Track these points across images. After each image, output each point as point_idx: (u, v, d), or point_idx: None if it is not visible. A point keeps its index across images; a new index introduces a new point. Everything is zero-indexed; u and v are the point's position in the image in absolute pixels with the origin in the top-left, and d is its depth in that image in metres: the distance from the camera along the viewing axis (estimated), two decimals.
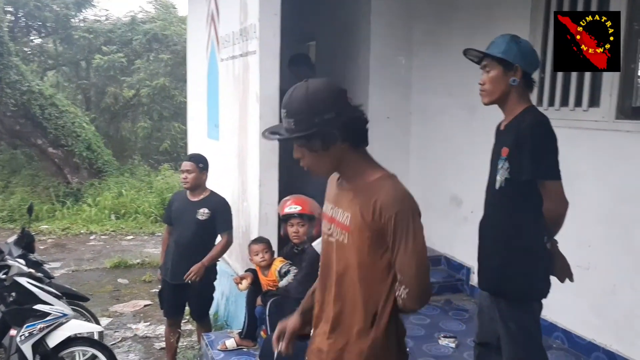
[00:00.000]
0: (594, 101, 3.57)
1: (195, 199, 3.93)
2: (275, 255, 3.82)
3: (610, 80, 3.40)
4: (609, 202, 3.41)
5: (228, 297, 4.85)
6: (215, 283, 4.18)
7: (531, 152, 2.21)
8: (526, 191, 2.28)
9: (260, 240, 3.73)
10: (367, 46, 5.25)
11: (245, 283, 3.61)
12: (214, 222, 3.91)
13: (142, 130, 13.58)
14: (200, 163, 3.94)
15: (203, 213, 3.88)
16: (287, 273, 3.51)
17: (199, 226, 3.84)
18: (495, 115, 2.67)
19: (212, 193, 3.98)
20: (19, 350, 3.44)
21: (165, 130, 13.88)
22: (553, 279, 2.42)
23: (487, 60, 2.36)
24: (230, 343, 3.69)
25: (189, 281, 3.75)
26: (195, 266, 3.77)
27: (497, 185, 2.34)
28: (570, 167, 2.28)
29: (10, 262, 3.66)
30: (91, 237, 8.94)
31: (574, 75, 3.67)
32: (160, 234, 9.06)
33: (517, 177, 2.27)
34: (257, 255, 3.63)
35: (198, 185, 3.92)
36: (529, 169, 2.22)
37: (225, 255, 4.95)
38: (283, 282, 3.48)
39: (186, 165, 3.91)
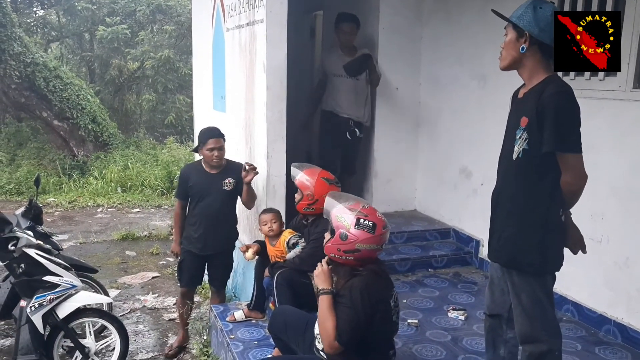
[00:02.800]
0: None
1: (216, 171, 3.95)
2: (284, 226, 3.81)
3: (628, 49, 3.30)
4: (624, 174, 3.35)
5: (236, 269, 4.85)
6: None
7: (553, 124, 2.13)
8: (544, 163, 2.22)
9: (270, 210, 3.74)
10: (376, 15, 5.13)
11: (250, 252, 3.61)
12: (238, 188, 3.96)
13: (146, 103, 13.50)
14: (225, 136, 3.97)
15: (229, 183, 3.93)
16: (295, 245, 3.50)
17: (226, 195, 3.94)
18: (507, 85, 2.60)
19: (228, 161, 4.01)
20: (29, 321, 3.46)
21: (170, 103, 13.79)
22: (566, 251, 2.38)
23: (507, 23, 2.31)
24: (239, 314, 3.70)
25: (246, 168, 3.76)
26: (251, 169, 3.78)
27: (514, 156, 2.28)
28: (586, 138, 2.21)
29: (18, 233, 3.65)
30: (98, 210, 8.97)
31: None
32: (167, 206, 9.07)
33: (536, 148, 2.20)
34: (265, 225, 3.63)
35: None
36: (551, 142, 2.15)
37: None
38: (290, 255, 3.47)
39: (219, 142, 3.87)
